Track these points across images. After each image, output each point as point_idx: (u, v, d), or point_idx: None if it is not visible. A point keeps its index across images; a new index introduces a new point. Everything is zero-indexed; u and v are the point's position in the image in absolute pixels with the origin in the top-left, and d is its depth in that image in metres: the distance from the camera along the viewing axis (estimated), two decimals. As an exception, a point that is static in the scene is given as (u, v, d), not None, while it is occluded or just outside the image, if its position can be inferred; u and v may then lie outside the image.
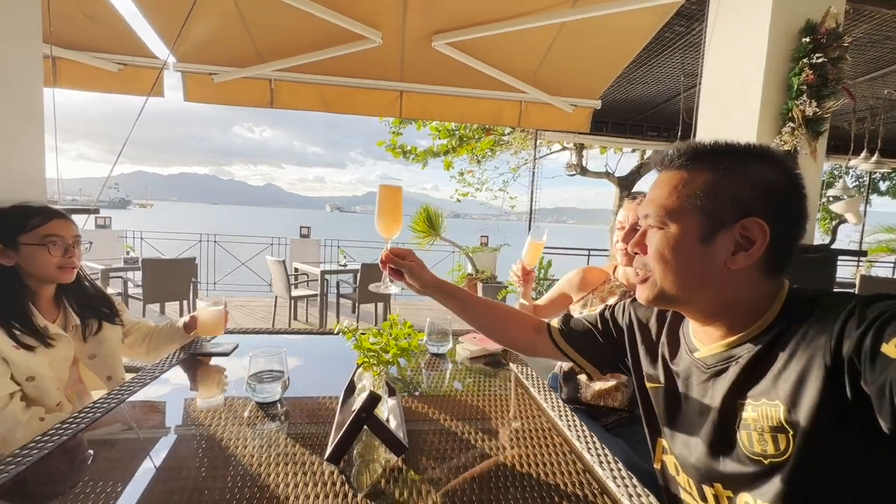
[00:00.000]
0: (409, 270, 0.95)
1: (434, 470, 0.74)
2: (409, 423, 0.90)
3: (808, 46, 1.96)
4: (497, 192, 9.10)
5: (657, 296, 0.67)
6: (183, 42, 3.24)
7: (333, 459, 0.72)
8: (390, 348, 0.76)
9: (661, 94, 4.71)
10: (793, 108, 1.98)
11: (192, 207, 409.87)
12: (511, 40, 3.12)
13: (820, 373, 0.53)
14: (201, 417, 0.91)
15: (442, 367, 1.28)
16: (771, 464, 0.57)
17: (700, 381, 0.69)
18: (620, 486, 0.70)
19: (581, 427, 0.89)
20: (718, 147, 0.65)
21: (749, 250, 0.61)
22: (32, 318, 1.09)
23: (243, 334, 1.50)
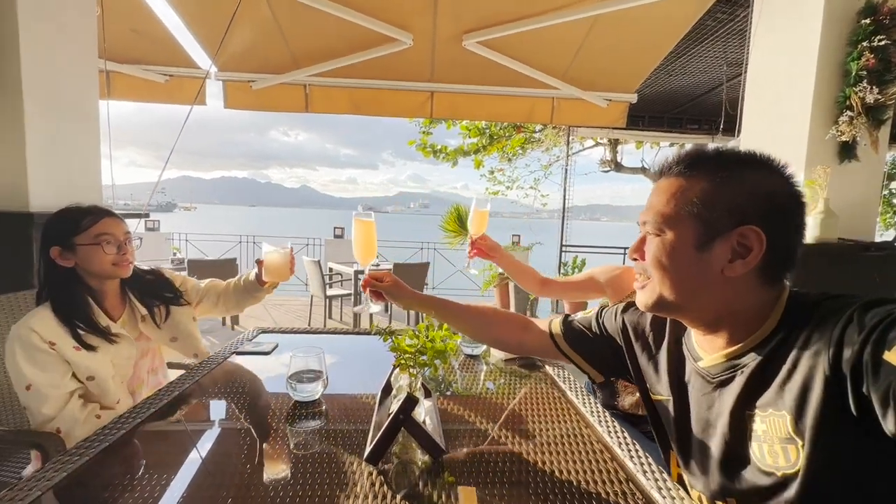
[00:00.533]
0: (387, 291, 1.05)
1: (471, 472, 0.74)
2: (446, 424, 0.90)
3: (868, 28, 1.82)
4: (528, 190, 8.99)
5: (656, 302, 0.68)
6: (224, 52, 3.38)
7: (372, 460, 0.73)
8: (427, 350, 0.77)
9: (701, 84, 4.51)
10: (851, 95, 1.84)
11: (232, 209, 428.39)
12: (542, 36, 3.07)
13: (822, 381, 0.53)
14: (245, 414, 0.94)
15: (476, 368, 1.28)
16: (784, 476, 0.57)
17: (706, 391, 0.68)
18: (667, 497, 0.67)
19: (622, 434, 0.86)
20: (716, 155, 0.66)
21: (746, 258, 0.60)
22: (95, 317, 1.16)
23: (282, 334, 1.54)
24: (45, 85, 1.80)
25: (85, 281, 1.19)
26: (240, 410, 0.96)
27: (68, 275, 1.16)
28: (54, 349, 1.07)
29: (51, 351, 1.07)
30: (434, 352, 0.77)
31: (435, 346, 0.77)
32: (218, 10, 2.75)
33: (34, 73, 1.74)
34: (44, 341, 1.06)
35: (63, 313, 1.12)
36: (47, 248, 1.14)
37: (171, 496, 0.66)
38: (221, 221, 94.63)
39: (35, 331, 1.06)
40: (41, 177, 1.79)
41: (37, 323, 1.08)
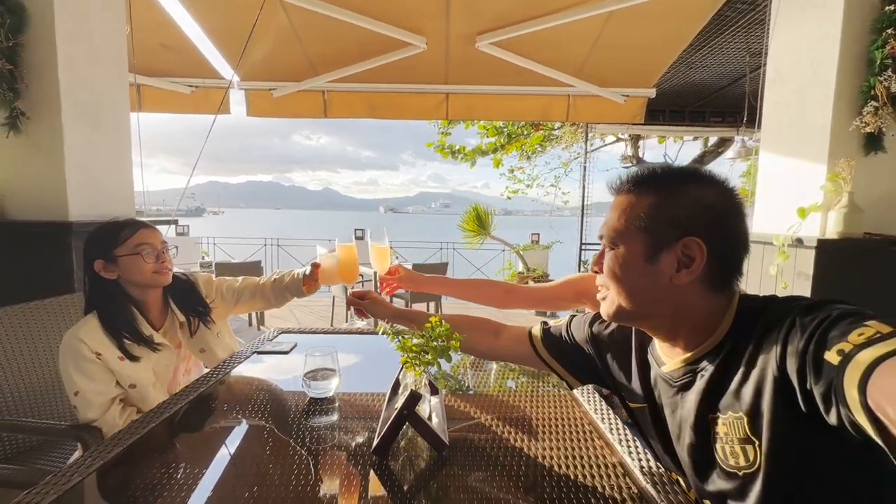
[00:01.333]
0: (365, 308, 1.21)
1: (473, 467, 0.77)
2: (452, 420, 0.94)
3: (893, 15, 1.76)
4: (548, 188, 8.92)
5: (616, 312, 0.72)
6: (245, 62, 3.50)
7: (378, 452, 0.77)
8: (430, 349, 0.81)
9: (723, 76, 4.39)
10: (875, 84, 1.78)
11: (258, 213, 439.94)
12: (556, 34, 3.06)
13: (772, 382, 0.56)
14: (264, 410, 1.00)
15: (486, 366, 1.31)
16: (745, 475, 0.60)
17: (669, 395, 0.72)
18: (661, 491, 0.68)
19: (623, 431, 0.88)
20: (661, 172, 0.70)
21: (690, 268, 0.64)
22: (139, 327, 1.23)
23: (301, 334, 1.61)
24: (80, 102, 1.92)
25: (128, 292, 1.25)
26: (260, 406, 1.02)
27: (112, 287, 1.23)
28: (100, 359, 1.15)
29: (97, 361, 1.15)
30: (436, 350, 0.80)
31: (438, 345, 0.81)
32: (239, 21, 2.86)
33: (71, 92, 1.86)
34: (91, 352, 1.14)
35: (109, 325, 1.19)
36: (91, 263, 1.21)
37: (197, 485, 0.72)
38: (247, 224, 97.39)
39: (84, 341, 1.14)
40: (79, 188, 1.91)
41: (85, 334, 1.16)
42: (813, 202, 1.93)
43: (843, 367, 0.46)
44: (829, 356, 0.48)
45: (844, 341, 0.48)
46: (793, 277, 1.96)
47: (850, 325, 0.49)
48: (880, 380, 0.42)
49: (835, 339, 0.49)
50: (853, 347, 0.46)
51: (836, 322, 0.51)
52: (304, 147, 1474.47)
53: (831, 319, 0.51)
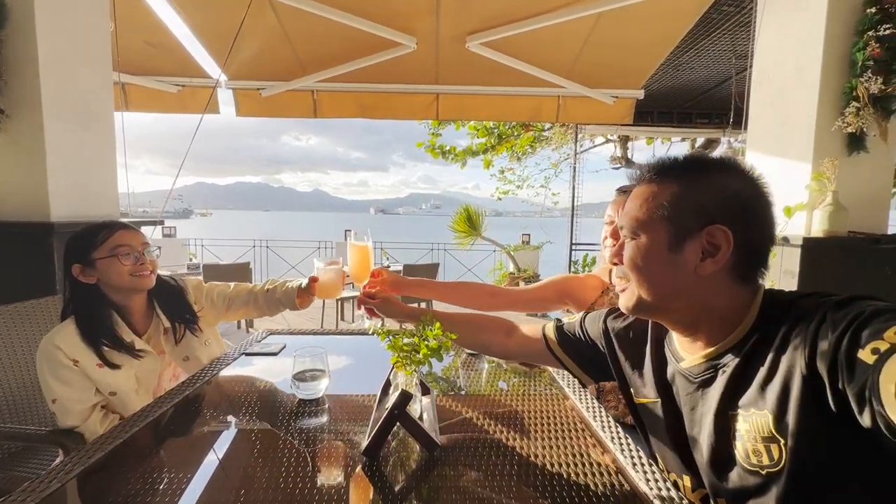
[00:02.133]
0: (378, 308, 1.17)
1: (465, 467, 0.77)
2: (444, 420, 0.93)
3: (875, 17, 1.79)
4: (538, 189, 8.97)
5: (636, 304, 0.69)
6: (233, 61, 3.46)
7: (369, 453, 0.76)
8: (421, 349, 0.80)
9: (710, 78, 4.45)
10: (857, 86, 1.81)
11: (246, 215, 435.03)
12: (546, 35, 3.08)
13: (800, 380, 0.54)
14: (252, 412, 0.98)
15: (478, 366, 1.30)
16: (768, 474, 0.58)
17: (689, 391, 0.69)
18: (654, 488, 0.68)
19: (616, 428, 0.88)
20: (684, 160, 0.69)
21: (716, 257, 0.62)
22: (119, 334, 1.18)
23: (290, 335, 1.59)
24: (62, 100, 1.88)
25: (109, 297, 1.19)
26: (248, 408, 1.00)
27: (91, 292, 1.18)
28: (78, 366, 1.11)
29: (74, 368, 1.11)
30: (428, 350, 0.80)
31: (429, 344, 0.80)
32: (226, 20, 2.83)
33: (52, 89, 1.82)
34: (68, 358, 1.10)
35: (86, 331, 1.14)
36: (69, 267, 1.16)
37: (182, 490, 0.70)
38: (236, 226, 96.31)
39: (59, 348, 1.10)
40: (60, 188, 1.87)
41: (62, 340, 1.11)
42: (798, 201, 1.96)
43: (880, 366, 0.44)
44: (863, 355, 0.47)
45: (880, 339, 0.46)
46: (779, 275, 1.99)
47: (885, 323, 0.47)
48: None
49: (869, 337, 0.47)
50: (890, 346, 0.45)
51: (869, 319, 0.49)
52: (293, 148, 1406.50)
53: (865, 316, 0.49)
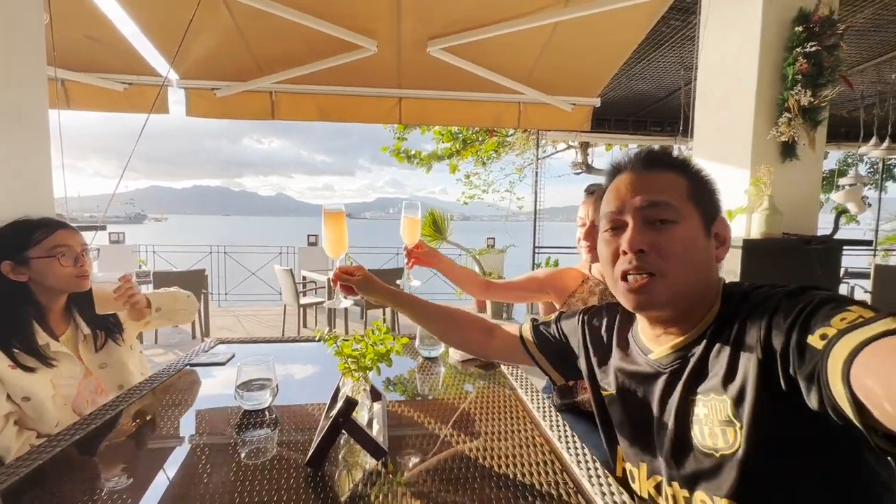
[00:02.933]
0: (358, 285, 1.03)
1: (413, 472, 0.75)
2: (397, 427, 0.91)
3: (802, 35, 1.94)
4: (504, 193, 9.11)
5: (671, 297, 0.65)
6: (185, 59, 3.32)
7: (312, 464, 0.73)
8: (368, 354, 0.78)
9: (661, 88, 4.67)
10: (788, 98, 1.95)
11: (205, 220, 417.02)
12: (505, 42, 3.13)
13: (756, 366, 0.56)
14: (193, 426, 0.93)
15: (434, 370, 1.29)
16: (722, 457, 0.59)
17: (655, 381, 0.70)
18: (595, 484, 0.70)
19: (563, 427, 0.89)
20: (682, 157, 0.71)
21: (726, 244, 0.68)
22: (33, 335, 1.11)
23: (241, 343, 1.53)
24: (-13, 95, 1.73)
25: (35, 297, 1.15)
26: (187, 422, 0.95)
27: (17, 290, 1.12)
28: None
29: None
30: (376, 355, 0.78)
31: (376, 349, 0.78)
32: (176, 16, 2.71)
33: (-27, 84, 1.68)
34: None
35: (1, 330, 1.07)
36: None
37: (105, 511, 0.65)
38: (193, 231, 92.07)
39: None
40: (-16, 190, 1.72)
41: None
42: (739, 205, 2.08)
43: (827, 352, 0.47)
44: (812, 340, 0.49)
45: (827, 325, 0.49)
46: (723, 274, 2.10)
47: (833, 311, 0.50)
48: (864, 360, 0.43)
49: (818, 324, 0.50)
50: (837, 332, 0.47)
51: (819, 307, 0.52)
52: (255, 151, 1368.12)
53: (814, 304, 0.52)
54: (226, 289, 7.19)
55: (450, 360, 1.36)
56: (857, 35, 3.58)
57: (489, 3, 2.85)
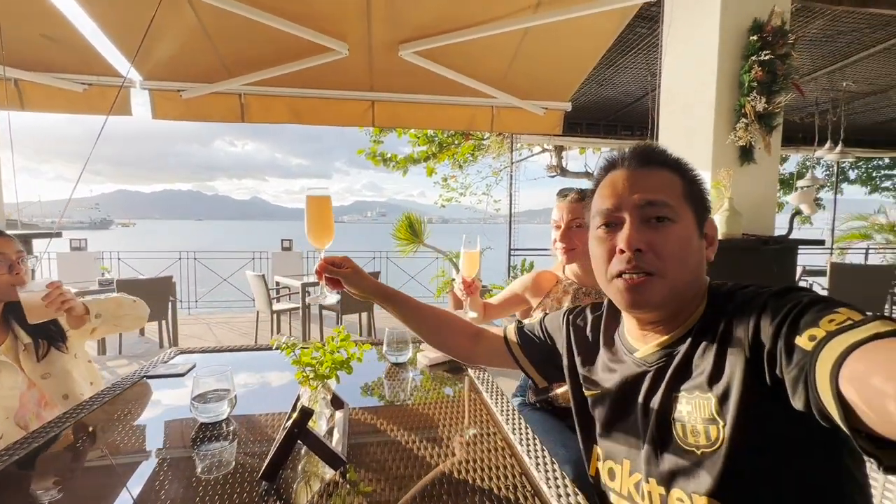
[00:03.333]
0: (346, 278, 0.94)
1: (373, 482, 0.74)
2: (360, 435, 0.90)
3: (756, 45, 2.02)
4: (481, 196, 9.17)
5: (667, 296, 0.64)
6: (148, 59, 3.23)
7: (267, 477, 0.71)
8: (325, 362, 0.77)
9: (631, 94, 4.79)
10: (745, 104, 2.03)
11: (175, 225, 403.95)
12: (477, 46, 3.16)
13: (742, 365, 0.56)
14: (146, 441, 0.90)
15: (402, 376, 1.28)
16: (703, 454, 0.59)
17: (641, 379, 0.69)
18: (552, 486, 0.70)
19: (525, 429, 0.90)
20: (670, 155, 0.71)
21: (713, 245, 0.69)
22: None
23: (202, 353, 1.48)
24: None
25: None
26: (140, 437, 0.91)
27: None
28: None
29: None
30: (334, 363, 0.77)
31: (334, 357, 0.77)
32: (137, 16, 2.62)
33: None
34: None
35: None
36: None
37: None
38: (162, 237, 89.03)
39: None
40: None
41: None
42: (701, 207, 2.15)
43: (816, 353, 0.46)
44: (800, 341, 0.49)
45: (816, 327, 0.49)
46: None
47: (821, 312, 0.50)
48: (853, 363, 0.43)
49: (806, 325, 0.50)
50: (826, 334, 0.47)
51: (807, 308, 0.52)
52: (228, 154, 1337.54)
53: (803, 305, 0.52)
54: (196, 296, 6.98)
55: (418, 364, 1.36)
56: (810, 45, 3.76)
57: (459, 8, 2.87)
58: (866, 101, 4.99)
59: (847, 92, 4.49)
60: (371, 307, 4.99)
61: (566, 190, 1.42)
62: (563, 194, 1.41)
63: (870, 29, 3.48)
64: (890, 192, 9.60)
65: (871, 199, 9.95)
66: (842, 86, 4.41)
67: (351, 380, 1.22)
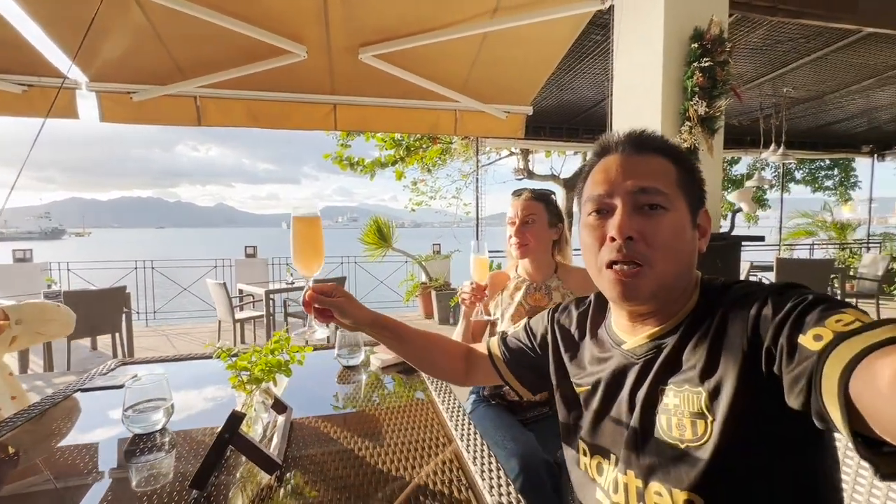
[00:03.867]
0: (339, 308, 0.83)
1: (311, 485, 0.74)
2: (305, 439, 0.89)
3: (697, 52, 2.13)
4: (451, 200, 9.22)
5: (657, 288, 0.62)
6: (95, 60, 3.09)
7: (196, 484, 0.69)
8: (259, 364, 0.75)
9: (590, 98, 4.94)
10: (689, 108, 2.13)
11: (135, 233, 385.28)
12: (438, 51, 3.18)
13: (738, 359, 0.55)
14: (71, 458, 0.86)
15: (353, 378, 1.27)
16: (688, 448, 0.57)
17: (628, 371, 0.67)
18: (486, 479, 0.72)
19: (468, 426, 0.91)
20: (667, 141, 0.68)
21: (705, 237, 0.66)
22: None
23: (146, 364, 1.42)
24: None
25: None
26: (68, 455, 0.87)
27: None
28: None
29: None
30: (267, 365, 0.76)
31: (268, 359, 0.76)
32: (80, 14, 2.51)
33: None
34: None
35: None
36: None
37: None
38: (120, 246, 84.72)
39: None
40: None
41: None
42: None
43: (826, 354, 0.45)
44: (803, 340, 0.48)
45: (822, 326, 0.47)
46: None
47: (827, 311, 0.48)
48: (868, 369, 0.41)
49: (811, 324, 0.48)
50: (834, 335, 0.45)
51: (812, 306, 0.50)
52: (191, 159, 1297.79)
53: (807, 303, 0.51)
54: (154, 306, 6.69)
55: (371, 367, 1.35)
56: (753, 53, 3.99)
57: (418, 13, 2.89)
58: (806, 107, 5.33)
59: (788, 97, 4.79)
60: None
61: (521, 189, 1.46)
62: (518, 193, 1.45)
63: (804, 39, 3.73)
64: (830, 190, 10.29)
65: (815, 198, 10.64)
66: (783, 91, 4.70)
67: (302, 384, 1.21)
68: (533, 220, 1.39)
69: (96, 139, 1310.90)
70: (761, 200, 9.71)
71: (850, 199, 10.23)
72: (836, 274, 4.88)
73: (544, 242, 1.43)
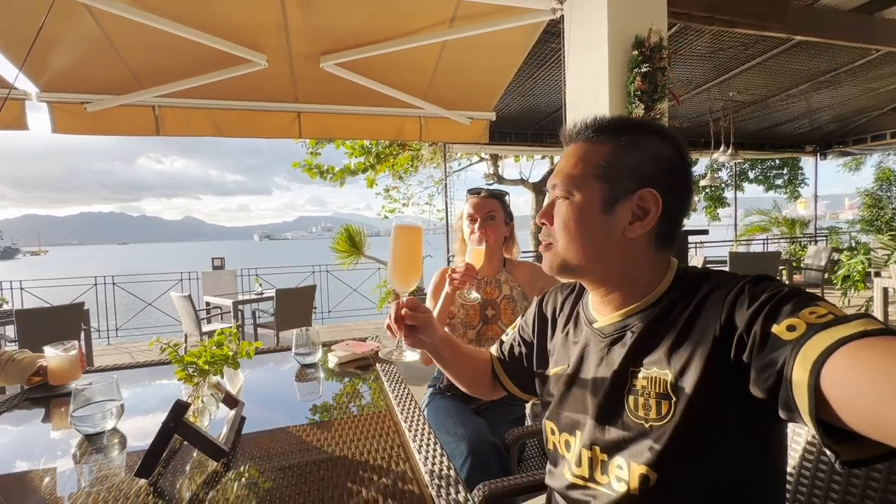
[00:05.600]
0: (429, 325, 0.81)
1: (258, 472, 0.77)
2: (256, 432, 0.92)
3: (638, 58, 2.27)
4: (424, 206, 9.28)
5: (560, 265, 0.68)
6: (45, 70, 3.01)
7: (142, 473, 0.72)
8: (203, 356, 0.78)
9: (551, 104, 5.11)
10: (632, 111, 2.27)
11: (96, 250, 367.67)
12: (399, 58, 3.25)
13: (708, 344, 0.56)
14: (15, 464, 0.86)
15: (311, 376, 1.30)
16: (651, 427, 0.60)
17: (597, 349, 0.70)
18: (422, 452, 0.77)
19: (413, 411, 0.96)
20: (620, 122, 0.69)
21: (644, 220, 0.64)
22: None
23: (100, 372, 1.41)
24: None
25: None
26: (21, 456, 0.87)
27: None
28: None
29: None
30: (214, 356, 0.79)
31: (214, 351, 0.79)
32: (28, 23, 2.45)
33: None
34: None
35: None
36: None
37: None
38: (80, 264, 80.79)
39: None
40: None
41: None
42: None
43: (800, 345, 0.46)
44: (777, 329, 0.49)
45: (795, 317, 0.48)
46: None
47: (802, 303, 0.50)
48: (841, 360, 0.43)
49: (786, 314, 0.50)
50: (807, 326, 0.47)
51: (788, 297, 0.52)
52: (154, 172, 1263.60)
53: (784, 294, 0.52)
54: (116, 323, 6.44)
55: (329, 364, 1.38)
56: (699, 59, 4.24)
57: (377, 22, 2.96)
58: (752, 109, 5.68)
59: (734, 101, 5.09)
60: (309, 321, 4.86)
61: (477, 188, 1.53)
62: (476, 191, 1.51)
63: (744, 46, 3.99)
64: (781, 189, 10.90)
65: (769, 196, 11.25)
66: (729, 95, 4.99)
67: (258, 384, 1.23)
68: (493, 216, 1.46)
69: (50, 153, 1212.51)
70: (720, 199, 10.21)
71: (800, 196, 10.87)
72: (784, 265, 5.21)
73: (499, 239, 1.50)
